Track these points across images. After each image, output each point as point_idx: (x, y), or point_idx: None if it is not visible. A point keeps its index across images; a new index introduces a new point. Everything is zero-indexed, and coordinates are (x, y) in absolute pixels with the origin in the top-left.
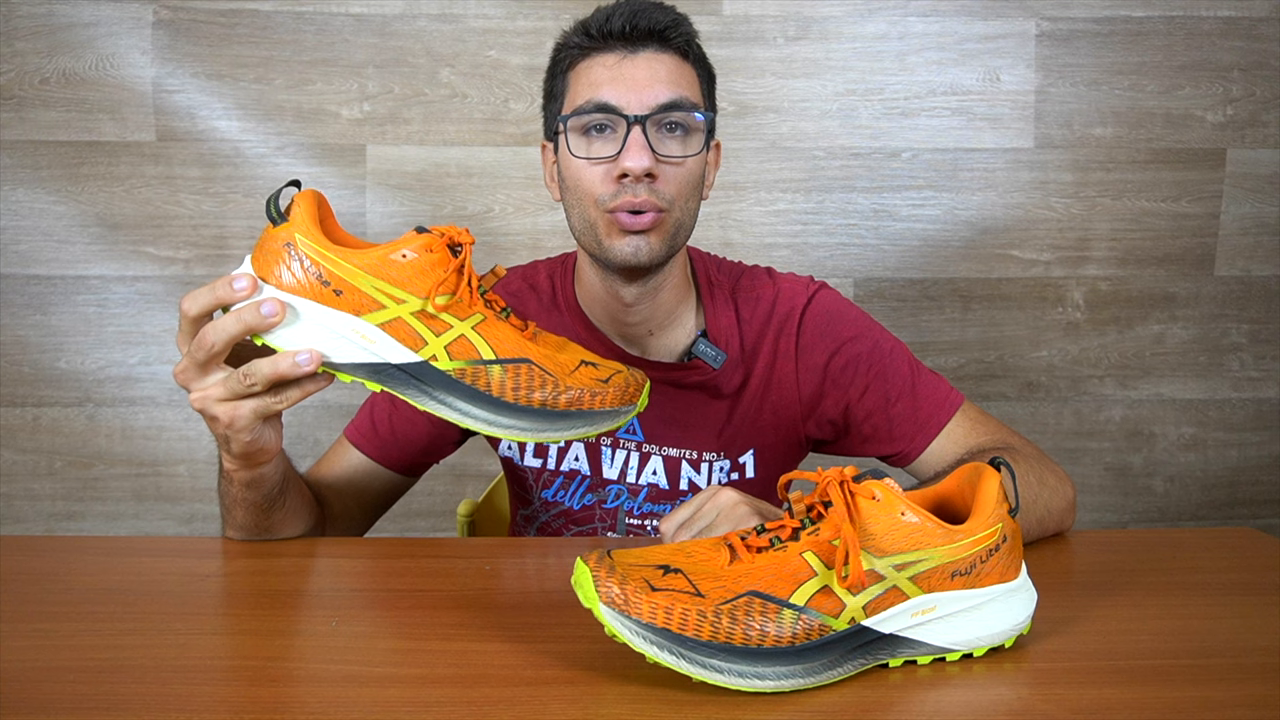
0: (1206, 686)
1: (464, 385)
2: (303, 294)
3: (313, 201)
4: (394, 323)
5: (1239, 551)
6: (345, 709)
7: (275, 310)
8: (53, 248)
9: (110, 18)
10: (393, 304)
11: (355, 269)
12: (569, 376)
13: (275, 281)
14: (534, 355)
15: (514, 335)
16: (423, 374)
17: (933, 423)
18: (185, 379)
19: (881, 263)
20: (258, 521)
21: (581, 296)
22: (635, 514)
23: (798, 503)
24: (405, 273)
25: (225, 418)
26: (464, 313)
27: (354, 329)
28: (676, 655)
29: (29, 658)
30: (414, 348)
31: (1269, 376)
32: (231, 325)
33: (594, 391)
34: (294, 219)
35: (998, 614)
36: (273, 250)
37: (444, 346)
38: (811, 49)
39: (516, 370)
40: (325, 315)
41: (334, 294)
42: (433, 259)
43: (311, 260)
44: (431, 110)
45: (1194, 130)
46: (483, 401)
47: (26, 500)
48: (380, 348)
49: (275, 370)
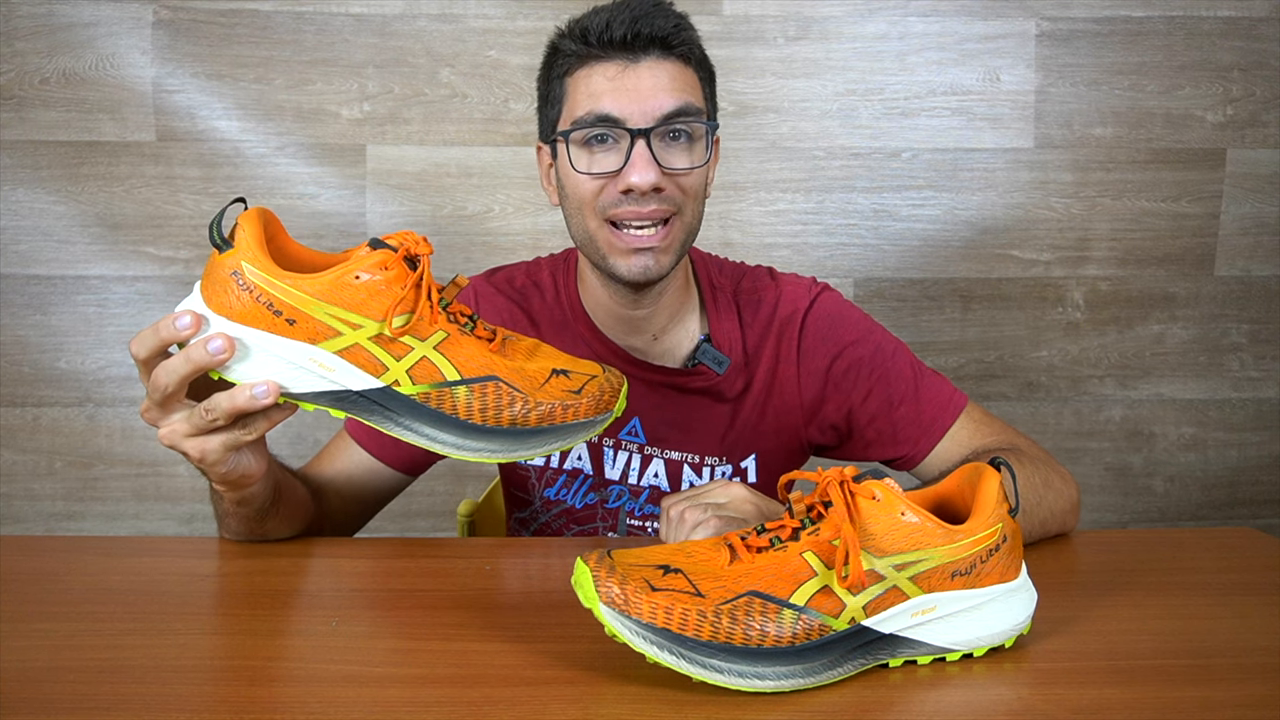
0: (1206, 686)
1: (429, 410)
2: (255, 324)
3: (257, 222)
4: (352, 349)
5: (1239, 551)
6: (345, 709)
7: (223, 347)
8: (53, 248)
9: (110, 18)
10: (349, 330)
11: (307, 296)
12: (539, 391)
13: (227, 313)
14: (501, 371)
15: (480, 350)
16: (386, 400)
17: (937, 425)
18: (150, 418)
19: (881, 263)
20: (251, 529)
21: (585, 298)
22: (636, 515)
23: (798, 503)
24: (359, 295)
25: (195, 453)
26: (425, 331)
27: (311, 358)
28: (676, 655)
29: (29, 658)
30: (375, 374)
31: (1269, 376)
32: (181, 366)
33: (566, 404)
34: (239, 244)
35: (998, 614)
36: (220, 280)
37: (405, 370)
38: (811, 49)
39: (484, 390)
40: (280, 346)
41: (287, 323)
42: (389, 276)
43: (260, 289)
44: (431, 110)
45: (1194, 130)
46: (449, 426)
47: (26, 500)
48: (340, 375)
49: (234, 404)
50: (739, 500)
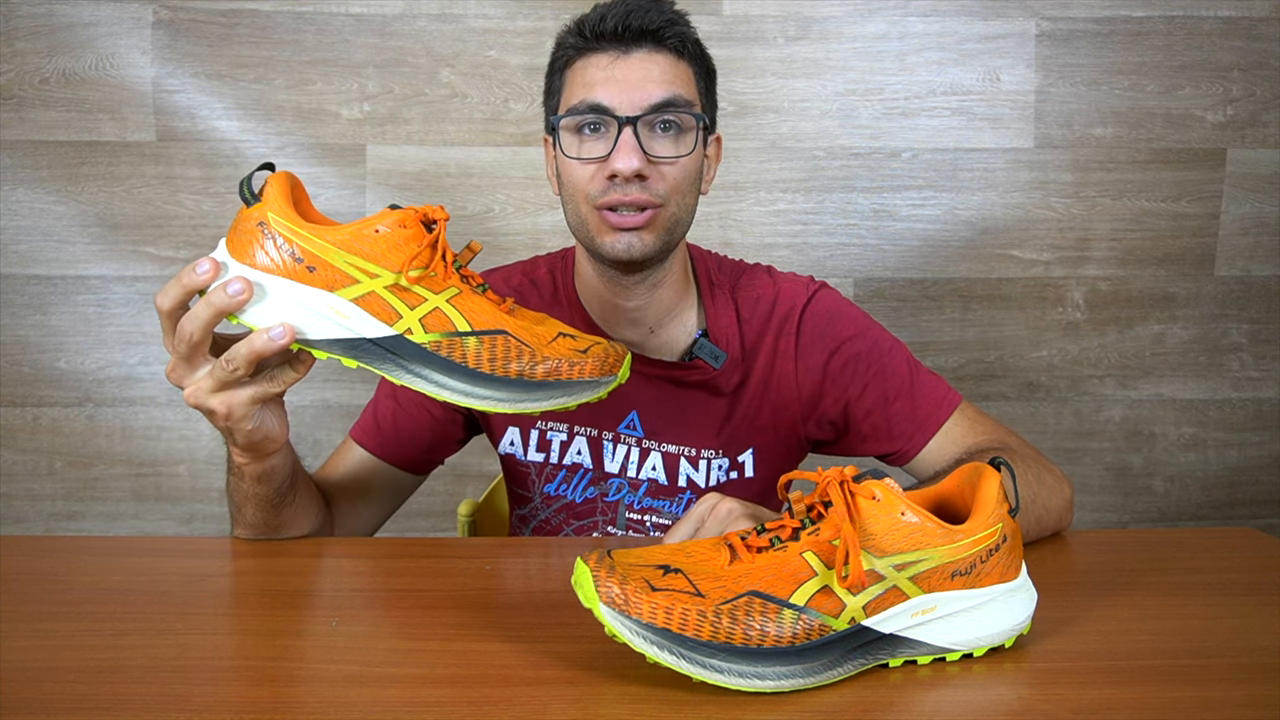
0: (1206, 686)
1: (439, 358)
2: (277, 272)
3: (285, 182)
4: (367, 297)
5: (1239, 551)
6: (345, 709)
7: (242, 289)
8: (53, 248)
9: (110, 18)
10: (366, 278)
11: (328, 245)
12: (546, 347)
13: (250, 261)
14: (510, 327)
15: (490, 308)
16: (397, 347)
17: (931, 421)
18: (176, 376)
19: (881, 263)
20: (268, 519)
21: (582, 292)
22: (635, 508)
23: (798, 503)
24: (379, 247)
25: (222, 409)
26: (439, 286)
27: (328, 304)
28: (676, 655)
29: (29, 658)
30: (388, 321)
31: (1269, 376)
32: (203, 311)
33: (572, 361)
34: (267, 199)
35: (998, 614)
36: (246, 231)
37: (419, 319)
38: (811, 49)
39: (493, 341)
40: (299, 292)
41: (307, 270)
42: (406, 234)
43: (285, 238)
44: (431, 110)
45: (1194, 130)
46: (458, 373)
47: (26, 500)
48: (354, 322)
49: (251, 349)
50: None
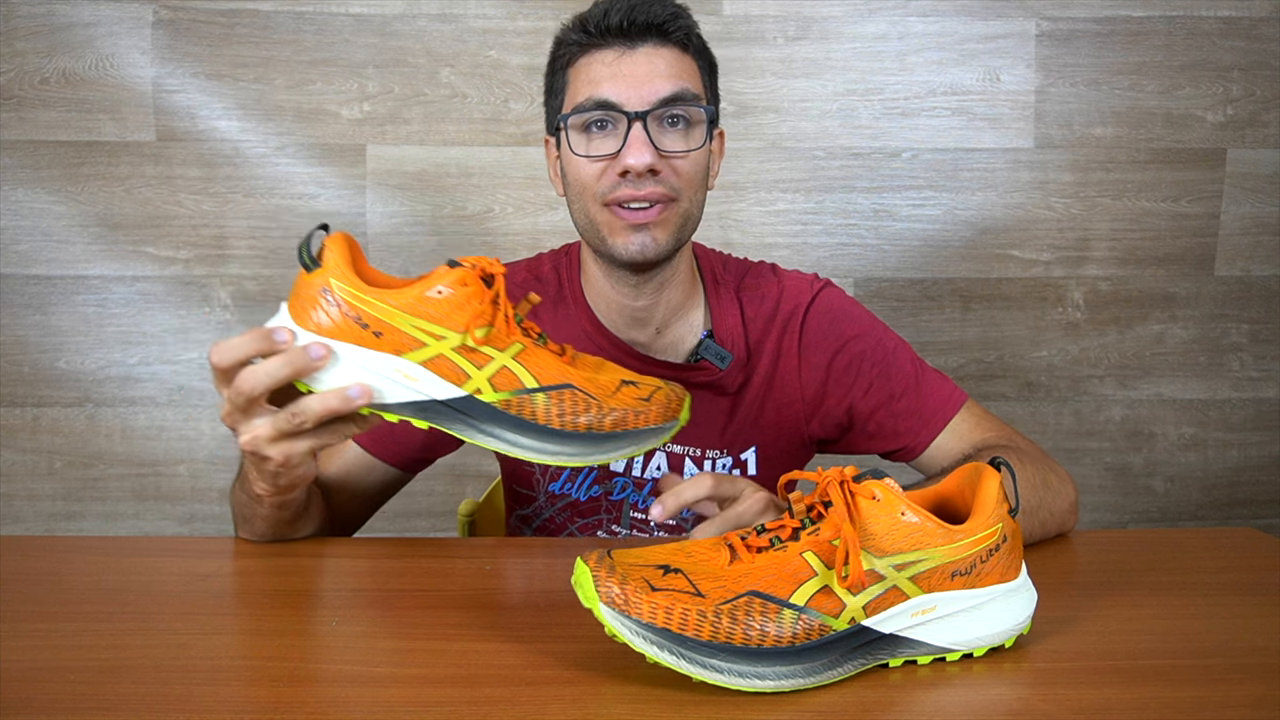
0: (1206, 686)
1: (510, 416)
2: (342, 337)
3: (344, 245)
4: (436, 359)
5: (1239, 551)
6: (345, 709)
7: (323, 354)
8: (53, 248)
9: (110, 18)
10: (433, 340)
11: (393, 309)
12: (611, 398)
13: (313, 327)
14: (576, 380)
15: (554, 361)
16: (468, 408)
17: (937, 418)
18: (231, 421)
19: (881, 263)
20: (279, 531)
21: (587, 291)
22: (640, 507)
23: (798, 503)
24: (442, 309)
25: (279, 456)
26: (503, 343)
27: (396, 369)
28: (676, 655)
29: (29, 658)
30: (457, 382)
31: (1269, 376)
32: (278, 369)
33: (638, 411)
34: (327, 264)
35: (998, 614)
36: (309, 296)
37: (487, 379)
38: (811, 49)
39: (560, 396)
40: (366, 357)
41: (373, 335)
42: (468, 292)
43: (348, 304)
44: (431, 110)
45: (1194, 130)
46: (530, 430)
47: (26, 500)
48: (424, 385)
49: (325, 406)
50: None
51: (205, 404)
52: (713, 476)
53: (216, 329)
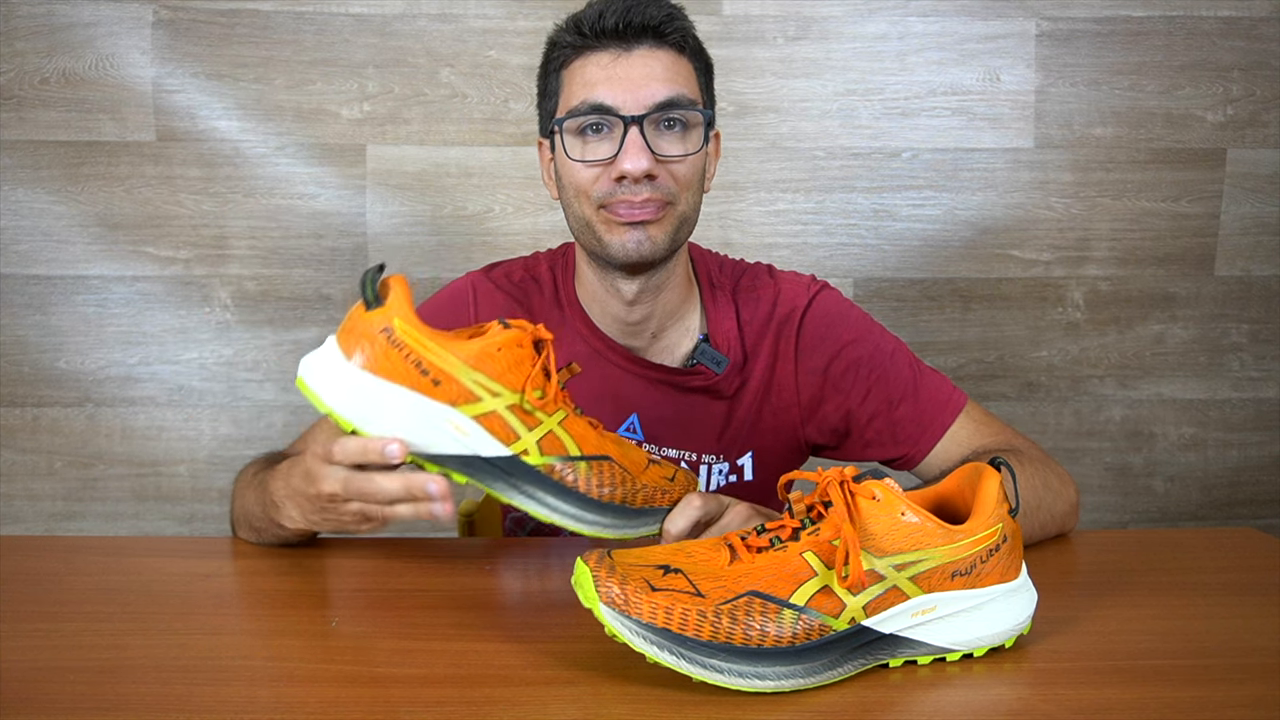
0: (1206, 686)
1: (552, 481)
2: (399, 380)
3: (407, 287)
4: (490, 415)
5: (1239, 551)
6: (345, 709)
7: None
8: (53, 248)
9: (110, 18)
10: (489, 396)
11: (457, 361)
12: (643, 474)
13: (370, 366)
14: (612, 453)
15: (591, 432)
16: (512, 468)
17: (936, 424)
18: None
19: (881, 263)
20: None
21: (582, 295)
22: None
23: (798, 503)
24: (501, 365)
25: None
26: (550, 409)
27: (448, 419)
28: (676, 655)
29: (29, 658)
30: (506, 441)
31: (1269, 376)
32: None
33: (663, 490)
34: (391, 304)
35: (998, 614)
36: (367, 334)
37: (535, 441)
38: (811, 49)
39: (600, 467)
40: (421, 404)
41: (432, 384)
42: (521, 354)
43: (410, 348)
44: (431, 110)
45: (1194, 130)
46: (569, 497)
47: (26, 500)
48: (473, 440)
49: (364, 454)
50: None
51: (205, 404)
52: (699, 498)
53: (216, 329)
